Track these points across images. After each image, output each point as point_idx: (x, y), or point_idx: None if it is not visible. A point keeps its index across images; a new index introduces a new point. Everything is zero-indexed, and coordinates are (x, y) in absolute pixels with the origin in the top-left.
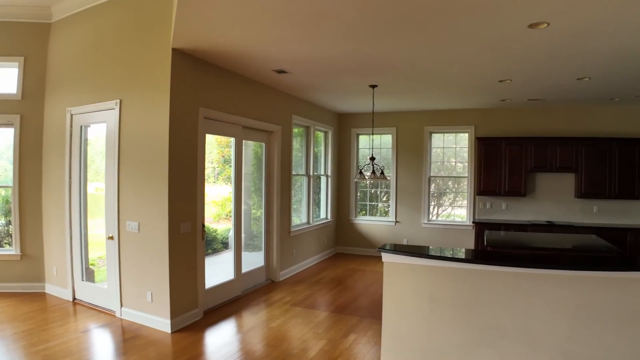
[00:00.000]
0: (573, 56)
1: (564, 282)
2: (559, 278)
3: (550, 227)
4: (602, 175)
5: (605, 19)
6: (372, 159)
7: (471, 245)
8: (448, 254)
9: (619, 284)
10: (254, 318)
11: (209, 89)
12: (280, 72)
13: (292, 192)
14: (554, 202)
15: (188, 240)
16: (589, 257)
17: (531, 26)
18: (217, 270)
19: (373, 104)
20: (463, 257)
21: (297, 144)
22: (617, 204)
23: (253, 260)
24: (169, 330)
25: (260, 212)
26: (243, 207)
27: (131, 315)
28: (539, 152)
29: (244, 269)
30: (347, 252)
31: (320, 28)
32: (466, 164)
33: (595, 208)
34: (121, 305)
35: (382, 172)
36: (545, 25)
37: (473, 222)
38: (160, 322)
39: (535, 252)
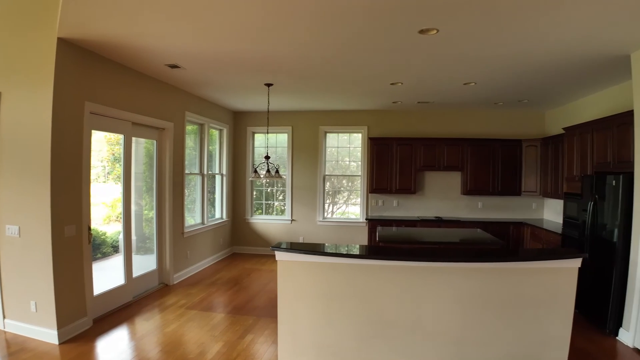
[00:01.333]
0: (460, 62)
1: (452, 273)
2: (447, 270)
3: (438, 222)
4: (486, 174)
5: (490, 28)
6: (267, 157)
7: (365, 242)
8: (343, 251)
9: (503, 273)
10: (148, 324)
11: (96, 82)
12: (174, 67)
13: (186, 191)
14: (442, 199)
15: (74, 244)
16: (475, 250)
17: (421, 32)
18: (108, 276)
19: (268, 103)
20: (356, 253)
21: (190, 142)
22: (500, 200)
23: (145, 263)
24: (56, 342)
25: (152, 213)
26: (134, 207)
27: (15, 327)
28: (428, 152)
29: (135, 273)
30: (244, 252)
31: (213, 23)
32: (360, 163)
33: (480, 204)
34: (3, 317)
35: (277, 171)
36: (435, 31)
37: (366, 219)
38: (46, 334)
39: (424, 246)
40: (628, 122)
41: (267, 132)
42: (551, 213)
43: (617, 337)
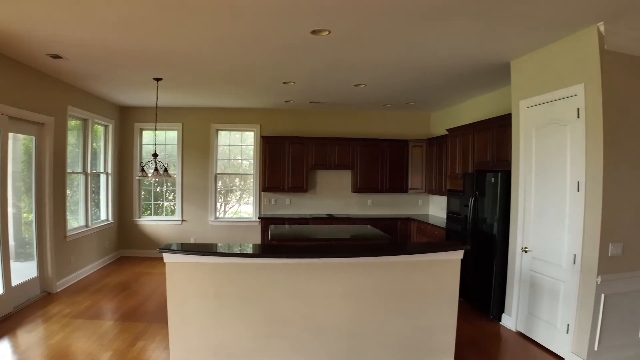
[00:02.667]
0: (351, 63)
1: (343, 268)
2: (338, 265)
3: (330, 219)
4: (375, 172)
5: (381, 33)
6: (155, 155)
7: (258, 241)
8: (236, 250)
9: (392, 267)
10: (30, 336)
11: None
12: (56, 57)
13: (68, 191)
14: (334, 197)
15: None
16: (364, 245)
17: (314, 32)
18: None
19: (157, 98)
20: (248, 252)
21: (73, 139)
22: (388, 197)
23: (25, 271)
24: None
25: (32, 216)
26: (11, 210)
27: None
28: (320, 151)
29: (15, 282)
30: (132, 255)
31: (100, 12)
32: (252, 161)
33: (369, 201)
34: None
35: (165, 170)
36: (327, 32)
37: (259, 218)
38: None
39: (316, 243)
40: (506, 124)
41: (155, 129)
42: (436, 209)
43: (500, 322)
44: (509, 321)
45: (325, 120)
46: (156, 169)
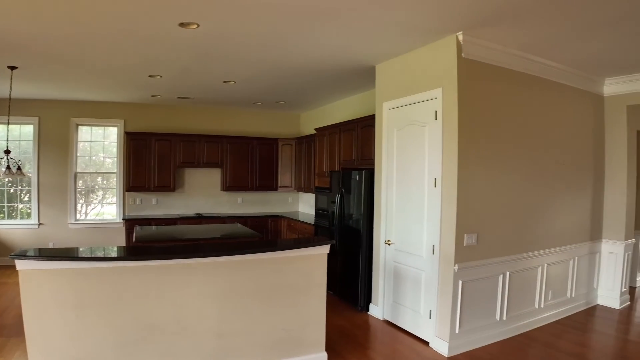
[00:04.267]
0: (220, 59)
1: (212, 268)
2: (207, 265)
3: (199, 219)
4: (245, 170)
5: (249, 31)
6: (8, 152)
7: (123, 243)
8: (99, 254)
9: (261, 264)
10: None
11: None
12: None
13: None
14: (203, 196)
15: None
16: (233, 243)
17: (182, 25)
18: None
19: (10, 89)
20: (111, 255)
21: None
22: (258, 195)
23: None
24: None
25: None
26: None
27: None
28: (188, 148)
29: None
30: None
31: None
32: (115, 159)
33: (239, 199)
34: None
35: (19, 168)
36: (195, 26)
37: (123, 219)
38: None
39: (184, 244)
40: (371, 124)
41: (8, 123)
42: (305, 206)
43: (368, 312)
44: (377, 311)
45: (194, 117)
46: (8, 167)
